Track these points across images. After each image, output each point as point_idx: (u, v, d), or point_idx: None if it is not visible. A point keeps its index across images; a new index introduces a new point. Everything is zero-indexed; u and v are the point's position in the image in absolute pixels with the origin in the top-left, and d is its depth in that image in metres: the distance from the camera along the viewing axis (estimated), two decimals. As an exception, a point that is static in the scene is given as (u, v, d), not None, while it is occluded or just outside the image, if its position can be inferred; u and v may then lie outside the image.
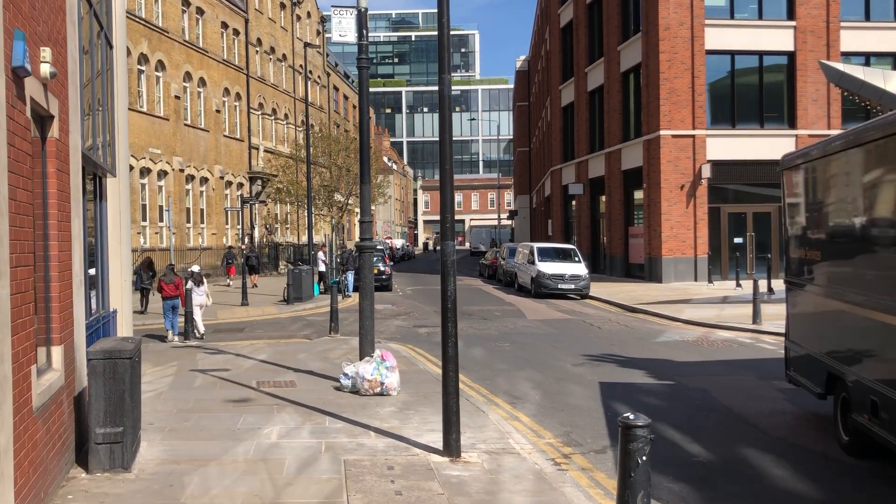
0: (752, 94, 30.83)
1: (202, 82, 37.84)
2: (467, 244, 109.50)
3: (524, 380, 11.88)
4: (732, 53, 30.39)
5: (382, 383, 9.72)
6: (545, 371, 12.63)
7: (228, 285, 33.93)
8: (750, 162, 30.30)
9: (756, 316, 17.63)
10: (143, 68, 32.74)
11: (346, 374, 10.12)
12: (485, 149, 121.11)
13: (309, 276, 24.74)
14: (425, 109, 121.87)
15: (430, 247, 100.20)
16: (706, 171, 29.45)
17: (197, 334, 16.47)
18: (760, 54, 30.49)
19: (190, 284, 16.63)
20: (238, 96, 41.96)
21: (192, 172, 36.38)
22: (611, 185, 34.92)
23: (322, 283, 28.01)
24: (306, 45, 30.94)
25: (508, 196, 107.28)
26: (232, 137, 40.99)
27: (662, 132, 29.57)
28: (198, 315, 16.70)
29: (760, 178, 30.52)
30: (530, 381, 11.80)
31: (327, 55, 60.22)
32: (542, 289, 26.33)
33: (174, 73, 34.92)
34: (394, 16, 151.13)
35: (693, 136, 29.82)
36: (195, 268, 17.64)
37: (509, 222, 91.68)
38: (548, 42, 47.03)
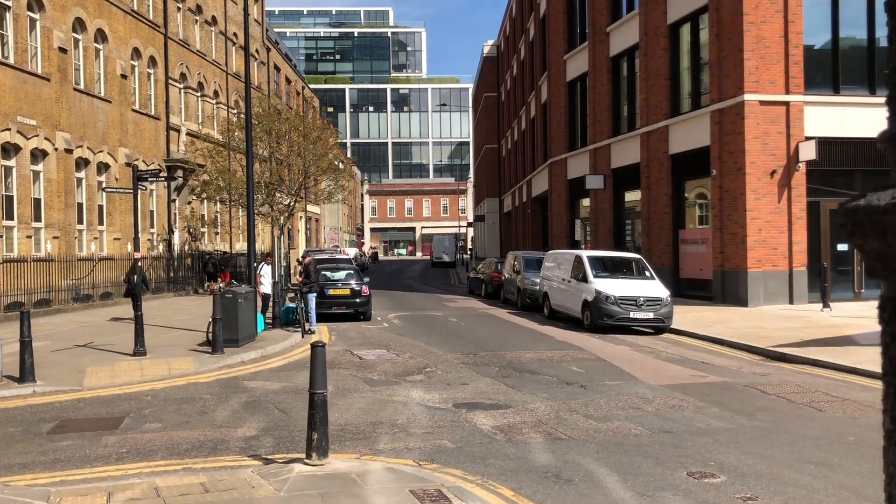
0: (860, 49, 22.83)
1: (101, 36, 28.05)
2: (419, 254, 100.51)
3: None
4: (835, -8, 22.36)
5: None
6: None
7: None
8: (855, 140, 22.25)
9: None
10: (9, 3, 22.91)
11: None
12: (435, 152, 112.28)
13: (250, 303, 15.35)
14: (370, 108, 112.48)
15: (379, 256, 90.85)
16: (807, 152, 21.24)
17: None
18: (871, -6, 22.54)
19: None
20: (153, 61, 32.20)
21: (85, 155, 26.54)
22: (651, 176, 26.46)
23: (269, 311, 18.68)
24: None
25: (462, 202, 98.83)
26: (144, 114, 31.19)
27: (748, 97, 21.23)
28: None
29: (869, 161, 22.53)
30: None
31: (267, 30, 50.65)
32: (603, 318, 17.55)
33: (58, 17, 25.10)
34: (334, 13, 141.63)
35: (787, 104, 21.57)
36: None
37: (467, 230, 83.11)
38: (542, 6, 38.52)
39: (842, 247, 22.39)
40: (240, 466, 7.20)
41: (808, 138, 21.51)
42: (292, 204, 31.07)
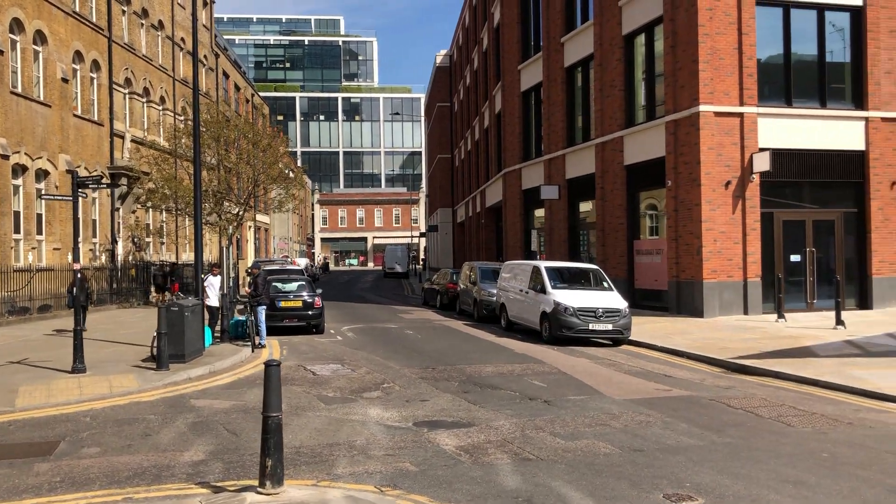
0: (811, 62, 23.12)
1: (41, 37, 26.94)
2: (371, 264, 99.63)
3: None
4: (787, 5, 22.58)
5: None
6: None
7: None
8: (807, 152, 22.52)
9: None
10: (-59, 1, 21.82)
11: None
12: (387, 162, 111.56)
13: (197, 316, 14.68)
14: (321, 117, 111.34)
15: (330, 266, 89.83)
16: (761, 163, 21.36)
17: None
18: (821, 8, 22.82)
19: None
20: (96, 65, 31.09)
21: (22, 161, 25.40)
22: (606, 186, 26.41)
23: (218, 325, 17.94)
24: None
25: (415, 212, 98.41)
26: (86, 119, 30.05)
27: (703, 108, 21.28)
28: None
29: (820, 173, 22.83)
30: None
31: (216, 36, 49.62)
32: (562, 330, 17.27)
33: (-6, 17, 24.02)
34: (284, 20, 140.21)
35: (741, 115, 21.68)
36: None
37: (419, 240, 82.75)
38: (496, 16, 38.42)
39: (794, 257, 22.58)
40: (186, 496, 6.64)
41: (762, 149, 21.65)
42: (241, 213, 30.25)
